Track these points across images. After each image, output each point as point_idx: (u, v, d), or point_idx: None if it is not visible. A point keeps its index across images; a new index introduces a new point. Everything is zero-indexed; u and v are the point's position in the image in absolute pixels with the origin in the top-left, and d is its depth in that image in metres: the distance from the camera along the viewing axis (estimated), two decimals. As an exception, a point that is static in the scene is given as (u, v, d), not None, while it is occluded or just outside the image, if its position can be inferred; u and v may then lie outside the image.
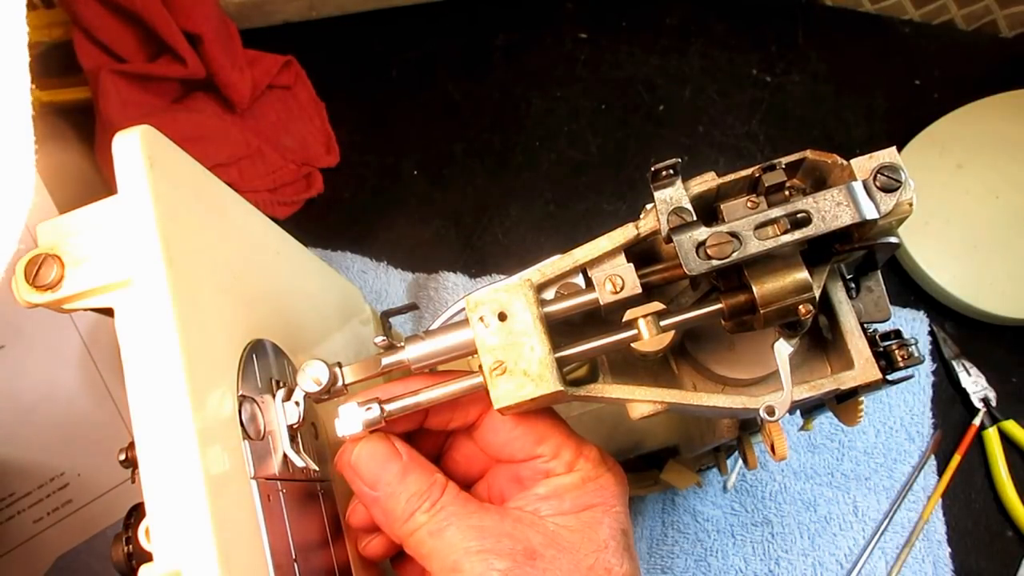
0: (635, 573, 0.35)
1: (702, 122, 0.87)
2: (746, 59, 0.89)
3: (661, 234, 0.33)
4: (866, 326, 0.35)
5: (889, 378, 0.34)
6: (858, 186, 0.30)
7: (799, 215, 0.30)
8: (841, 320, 0.35)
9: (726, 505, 0.70)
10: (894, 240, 0.32)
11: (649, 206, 0.34)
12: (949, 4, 0.87)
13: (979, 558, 0.69)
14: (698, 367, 0.38)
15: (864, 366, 0.34)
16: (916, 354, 0.34)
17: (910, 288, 0.78)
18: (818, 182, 0.34)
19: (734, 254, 0.30)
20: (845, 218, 0.30)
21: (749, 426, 0.51)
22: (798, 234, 0.30)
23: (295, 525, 0.34)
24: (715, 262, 0.30)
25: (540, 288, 0.35)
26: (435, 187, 0.85)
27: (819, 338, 0.37)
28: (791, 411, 0.37)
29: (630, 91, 0.88)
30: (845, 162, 0.32)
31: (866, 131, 0.85)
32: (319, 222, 0.84)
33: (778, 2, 0.91)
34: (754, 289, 0.31)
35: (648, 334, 0.33)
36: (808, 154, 0.33)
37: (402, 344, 0.36)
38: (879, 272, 0.37)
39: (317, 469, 0.38)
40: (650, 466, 0.62)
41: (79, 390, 0.60)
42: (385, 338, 0.36)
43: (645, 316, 0.33)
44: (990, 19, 0.87)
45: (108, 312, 0.32)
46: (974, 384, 0.73)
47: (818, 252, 0.33)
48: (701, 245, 0.31)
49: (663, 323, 0.33)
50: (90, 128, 0.78)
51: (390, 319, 0.60)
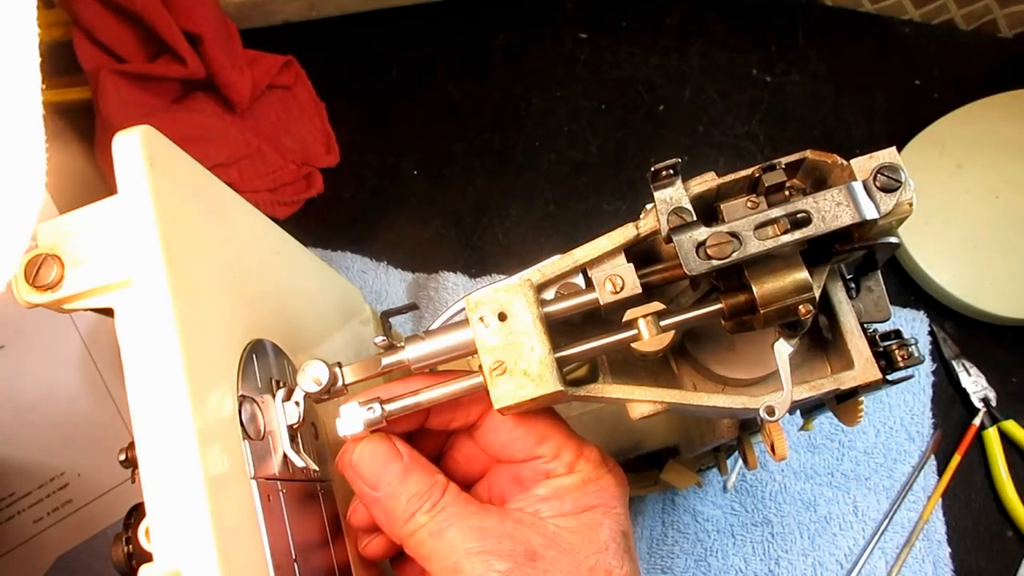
0: (635, 574, 0.35)
1: (702, 122, 0.87)
2: (746, 59, 0.89)
3: (661, 234, 0.33)
4: (866, 326, 0.35)
5: (889, 378, 0.34)
6: (858, 186, 0.30)
7: (799, 215, 0.30)
8: (841, 320, 0.35)
9: (726, 505, 0.70)
10: (894, 240, 0.32)
11: (649, 206, 0.34)
12: (949, 4, 0.87)
13: (979, 558, 0.69)
14: (698, 367, 0.38)
15: (864, 366, 0.34)
16: (916, 354, 0.34)
17: (910, 288, 0.78)
18: (818, 182, 0.34)
19: (734, 254, 0.30)
20: (845, 218, 0.30)
21: (749, 426, 0.51)
22: (798, 234, 0.30)
23: (295, 525, 0.34)
24: (715, 262, 0.30)
25: (540, 288, 0.35)
26: (435, 187, 0.85)
27: (819, 338, 0.37)
28: (791, 411, 0.37)
29: (630, 91, 0.88)
30: (845, 162, 0.32)
31: (866, 131, 0.85)
32: (319, 222, 0.84)
33: (778, 2, 0.91)
34: (754, 289, 0.31)
35: (648, 334, 0.33)
36: (808, 154, 0.33)
37: (402, 344, 0.36)
38: (879, 272, 0.37)
39: (317, 469, 0.38)
40: (650, 466, 0.62)
41: (79, 390, 0.60)
42: (385, 338, 0.36)
43: (645, 316, 0.33)
44: (990, 19, 0.87)
45: (108, 312, 0.32)
46: (974, 384, 0.73)
47: (818, 252, 0.33)
48: (701, 245, 0.31)
49: (663, 323, 0.33)
50: (90, 128, 0.78)
51: (390, 319, 0.60)
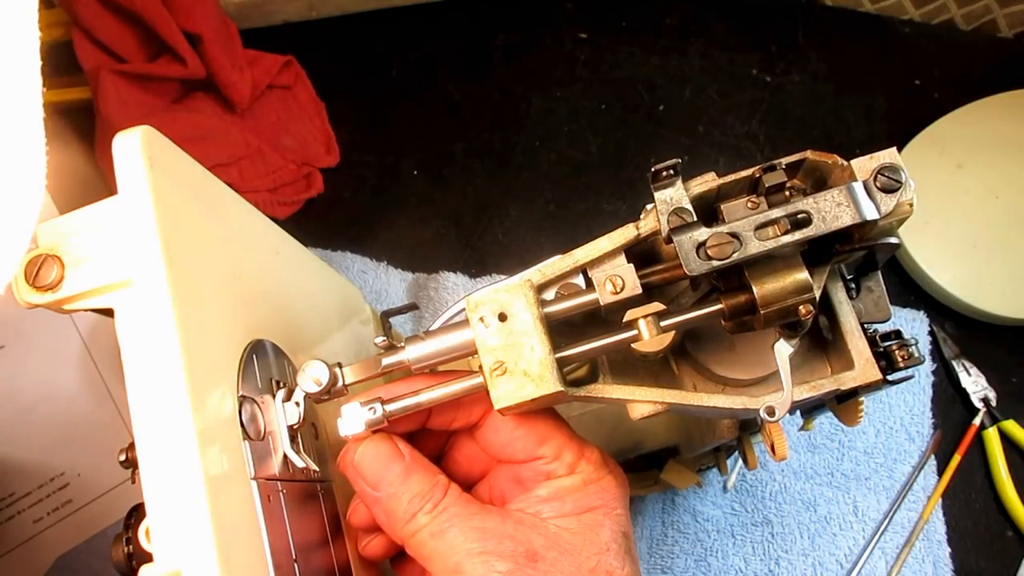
0: (636, 575, 0.35)
1: (702, 122, 0.87)
2: (746, 59, 0.89)
3: (661, 234, 0.33)
4: (866, 326, 0.35)
5: (889, 378, 0.34)
6: (858, 186, 0.30)
7: (799, 215, 0.30)
8: (841, 320, 0.35)
9: (726, 505, 0.70)
10: (894, 240, 0.32)
11: (649, 206, 0.34)
12: (949, 4, 0.87)
13: (979, 558, 0.69)
14: (698, 367, 0.38)
15: (864, 366, 0.34)
16: (916, 354, 0.34)
17: (910, 288, 0.78)
18: (818, 182, 0.34)
19: (734, 255, 0.30)
20: (845, 218, 0.30)
21: (749, 426, 0.51)
22: (798, 234, 0.30)
23: (295, 525, 0.34)
24: (715, 263, 0.30)
25: (540, 288, 0.35)
26: (435, 187, 0.85)
27: (819, 338, 0.37)
28: (791, 411, 0.37)
29: (630, 91, 0.88)
30: (845, 162, 0.32)
31: (866, 131, 0.85)
32: (319, 222, 0.83)
33: (778, 2, 0.91)
34: (754, 289, 0.31)
35: (648, 334, 0.33)
36: (808, 154, 0.33)
37: (402, 344, 0.36)
38: (879, 272, 0.37)
39: (317, 469, 0.38)
40: (650, 466, 0.62)
41: (79, 390, 0.60)
42: (385, 338, 0.36)
43: (645, 316, 0.33)
44: (990, 19, 0.87)
45: (108, 312, 0.32)
46: (974, 384, 0.73)
47: (818, 252, 0.33)
48: (701, 245, 0.31)
49: (663, 323, 0.33)
50: (90, 128, 0.78)
51: (390, 319, 0.60)
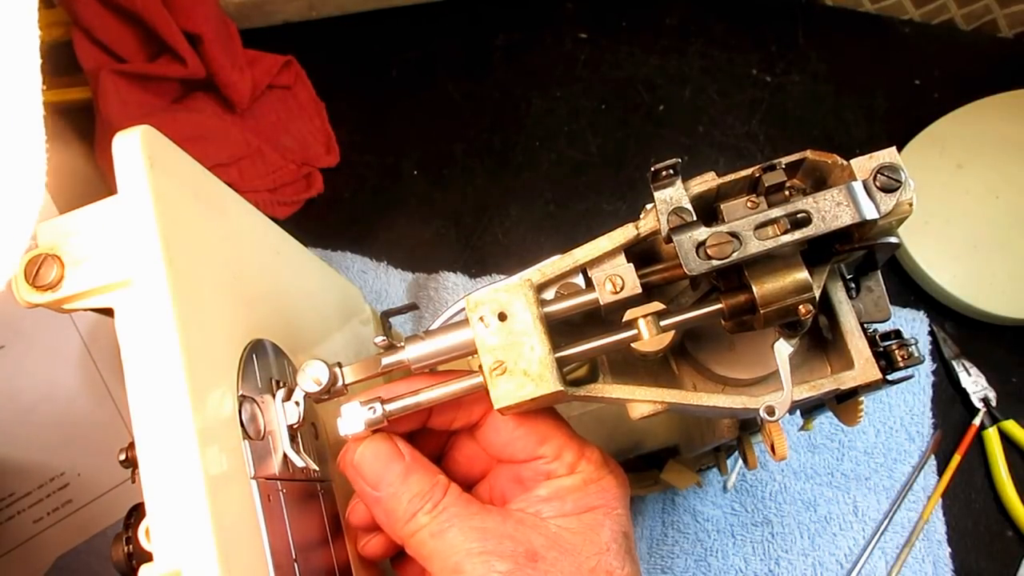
0: (637, 575, 0.35)
1: (702, 122, 0.87)
2: (746, 59, 0.89)
3: (661, 234, 0.33)
4: (866, 326, 0.35)
5: (889, 378, 0.34)
6: (858, 186, 0.30)
7: (799, 215, 0.30)
8: (841, 320, 0.35)
9: (726, 505, 0.70)
10: (894, 240, 0.32)
11: (649, 206, 0.34)
12: (949, 4, 0.87)
13: (979, 558, 0.69)
14: (698, 367, 0.38)
15: (864, 366, 0.34)
16: (916, 354, 0.34)
17: (910, 288, 0.78)
18: (818, 182, 0.34)
19: (734, 254, 0.30)
20: (845, 218, 0.30)
21: (749, 426, 0.51)
22: (798, 234, 0.30)
23: (295, 525, 0.34)
24: (715, 262, 0.30)
25: (540, 288, 0.35)
26: (435, 187, 0.85)
27: (819, 338, 0.37)
28: (791, 411, 0.37)
29: (630, 91, 0.88)
30: (845, 162, 0.32)
31: (866, 131, 0.85)
32: (319, 222, 0.83)
33: (778, 2, 0.91)
34: (754, 289, 0.31)
35: (648, 334, 0.33)
36: (808, 154, 0.33)
37: (402, 344, 0.36)
38: (879, 272, 0.37)
39: (317, 469, 0.38)
40: (650, 466, 0.62)
41: (79, 390, 0.60)
42: (385, 338, 0.36)
43: (645, 316, 0.33)
44: (990, 19, 0.87)
45: (108, 312, 0.32)
46: (974, 384, 0.73)
47: (818, 252, 0.33)
48: (701, 245, 0.31)
49: (663, 323, 0.33)
50: (90, 128, 0.78)
51: (390, 319, 0.60)
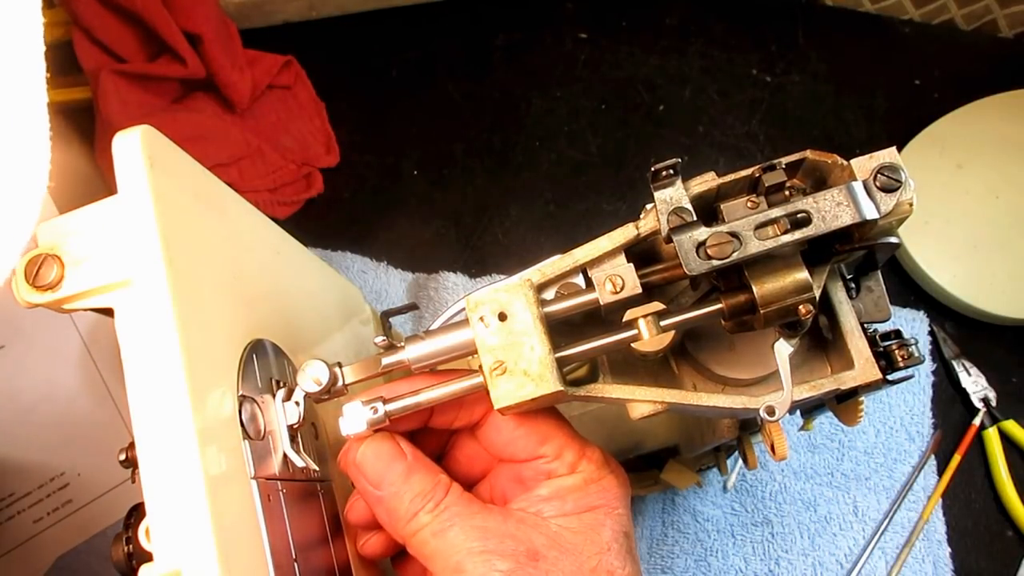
0: (637, 575, 0.35)
1: (702, 122, 0.87)
2: (746, 59, 0.89)
3: (661, 234, 0.33)
4: (866, 326, 0.35)
5: (889, 378, 0.34)
6: (858, 186, 0.30)
7: (799, 215, 0.30)
8: (841, 320, 0.35)
9: (726, 505, 0.70)
10: (894, 240, 0.32)
11: (649, 206, 0.34)
12: (949, 4, 0.87)
13: (979, 558, 0.69)
14: (698, 367, 0.38)
15: (864, 366, 0.34)
16: (916, 354, 0.34)
17: (910, 288, 0.78)
18: (818, 182, 0.34)
19: (734, 254, 0.30)
20: (845, 218, 0.30)
21: (749, 426, 0.51)
22: (798, 234, 0.30)
23: (295, 525, 0.34)
24: (715, 262, 0.30)
25: (540, 288, 0.35)
26: (435, 187, 0.85)
27: (819, 338, 0.37)
28: (791, 411, 0.37)
29: (630, 91, 0.88)
30: (845, 162, 0.32)
31: (866, 131, 0.85)
32: (319, 222, 0.83)
33: (778, 2, 0.91)
34: (754, 289, 0.31)
35: (648, 334, 0.33)
36: (808, 154, 0.33)
37: (402, 344, 0.36)
38: (879, 272, 0.37)
39: (317, 469, 0.38)
40: (650, 466, 0.62)
41: (79, 390, 0.60)
42: (385, 338, 0.36)
43: (645, 316, 0.33)
44: (990, 19, 0.87)
45: (108, 312, 0.32)
46: (974, 384, 0.73)
47: (818, 252, 0.33)
48: (701, 245, 0.31)
49: (663, 323, 0.33)
50: (90, 128, 0.78)
51: (390, 319, 0.60)
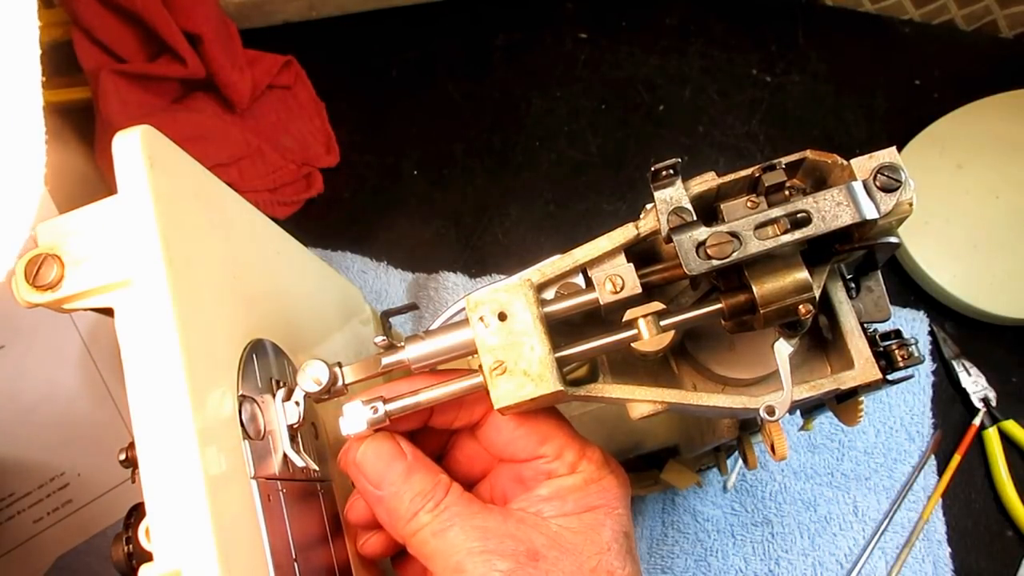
0: (637, 575, 0.35)
1: (702, 122, 0.87)
2: (746, 59, 0.89)
3: (661, 234, 0.33)
4: (866, 326, 0.35)
5: (889, 378, 0.34)
6: (858, 186, 0.30)
7: (799, 215, 0.30)
8: (841, 320, 0.35)
9: (726, 505, 0.70)
10: (894, 240, 0.32)
11: (649, 206, 0.34)
12: (949, 4, 0.87)
13: (979, 558, 0.69)
14: (698, 367, 0.38)
15: (864, 366, 0.34)
16: (916, 354, 0.34)
17: (910, 288, 0.78)
18: (818, 182, 0.34)
19: (734, 254, 0.30)
20: (845, 218, 0.30)
21: (749, 426, 0.51)
22: (798, 234, 0.30)
23: (295, 525, 0.34)
24: (715, 262, 0.30)
25: (540, 288, 0.35)
26: (435, 187, 0.85)
27: (819, 338, 0.37)
28: (791, 411, 0.37)
29: (630, 91, 0.88)
30: (845, 162, 0.32)
31: (866, 131, 0.85)
32: (319, 222, 0.83)
33: (778, 2, 0.91)
34: (754, 289, 0.31)
35: (648, 334, 0.33)
36: (808, 154, 0.33)
37: (402, 344, 0.36)
38: (879, 272, 0.37)
39: (317, 469, 0.38)
40: (650, 466, 0.62)
41: (79, 390, 0.60)
42: (385, 338, 0.36)
43: (645, 316, 0.33)
44: (990, 19, 0.87)
45: (108, 312, 0.32)
46: (974, 384, 0.73)
47: (818, 252, 0.33)
48: (701, 245, 0.31)
49: (663, 323, 0.33)
50: (90, 128, 0.78)
51: (390, 319, 0.60)
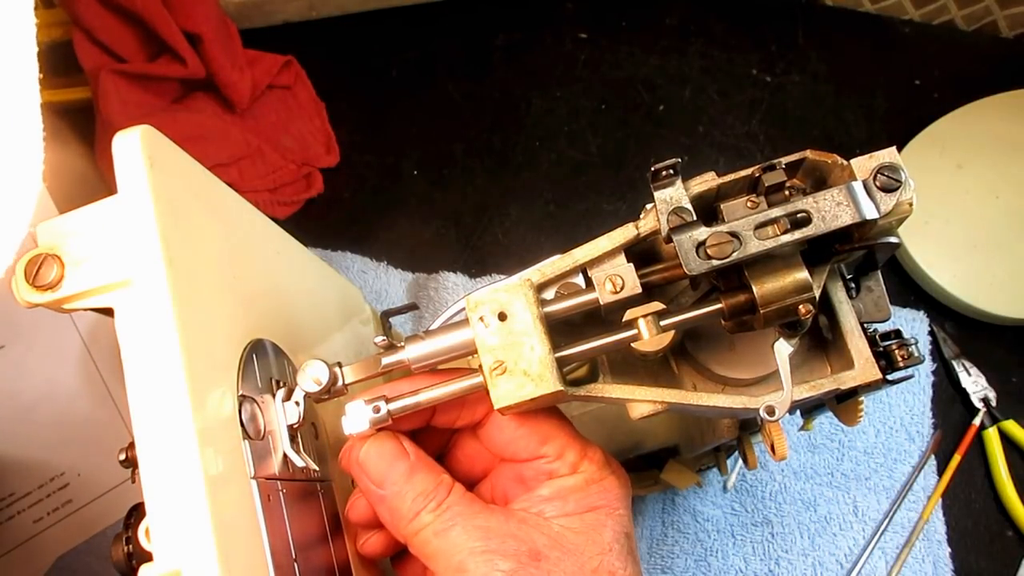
0: None
1: (702, 122, 0.87)
2: (746, 59, 0.89)
3: (661, 234, 0.33)
4: (866, 326, 0.35)
5: (889, 378, 0.34)
6: (858, 186, 0.30)
7: (799, 215, 0.30)
8: (841, 320, 0.35)
9: (726, 505, 0.70)
10: (894, 240, 0.32)
11: (649, 206, 0.34)
12: (949, 4, 0.87)
13: (979, 558, 0.69)
14: (698, 367, 0.38)
15: (864, 366, 0.34)
16: (916, 354, 0.34)
17: (910, 288, 0.78)
18: (818, 182, 0.34)
19: (734, 254, 0.30)
20: (845, 218, 0.30)
21: (749, 426, 0.51)
22: (798, 234, 0.30)
23: (295, 525, 0.34)
24: (715, 262, 0.30)
25: (540, 288, 0.35)
26: (435, 187, 0.85)
27: (819, 338, 0.37)
28: (791, 411, 0.37)
29: (630, 91, 0.88)
30: (845, 162, 0.32)
31: (866, 131, 0.85)
32: (319, 222, 0.83)
33: (778, 2, 0.91)
34: (754, 289, 0.31)
35: (648, 334, 0.33)
36: (808, 154, 0.33)
37: (402, 344, 0.36)
38: (879, 272, 0.37)
39: (317, 469, 0.38)
40: (650, 466, 0.62)
41: (79, 390, 0.60)
42: (385, 338, 0.36)
43: (645, 316, 0.33)
44: (990, 19, 0.87)
45: (108, 312, 0.32)
46: (974, 384, 0.73)
47: (818, 252, 0.33)
48: (701, 245, 0.31)
49: (663, 323, 0.33)
50: (90, 128, 0.78)
51: (390, 319, 0.60)
